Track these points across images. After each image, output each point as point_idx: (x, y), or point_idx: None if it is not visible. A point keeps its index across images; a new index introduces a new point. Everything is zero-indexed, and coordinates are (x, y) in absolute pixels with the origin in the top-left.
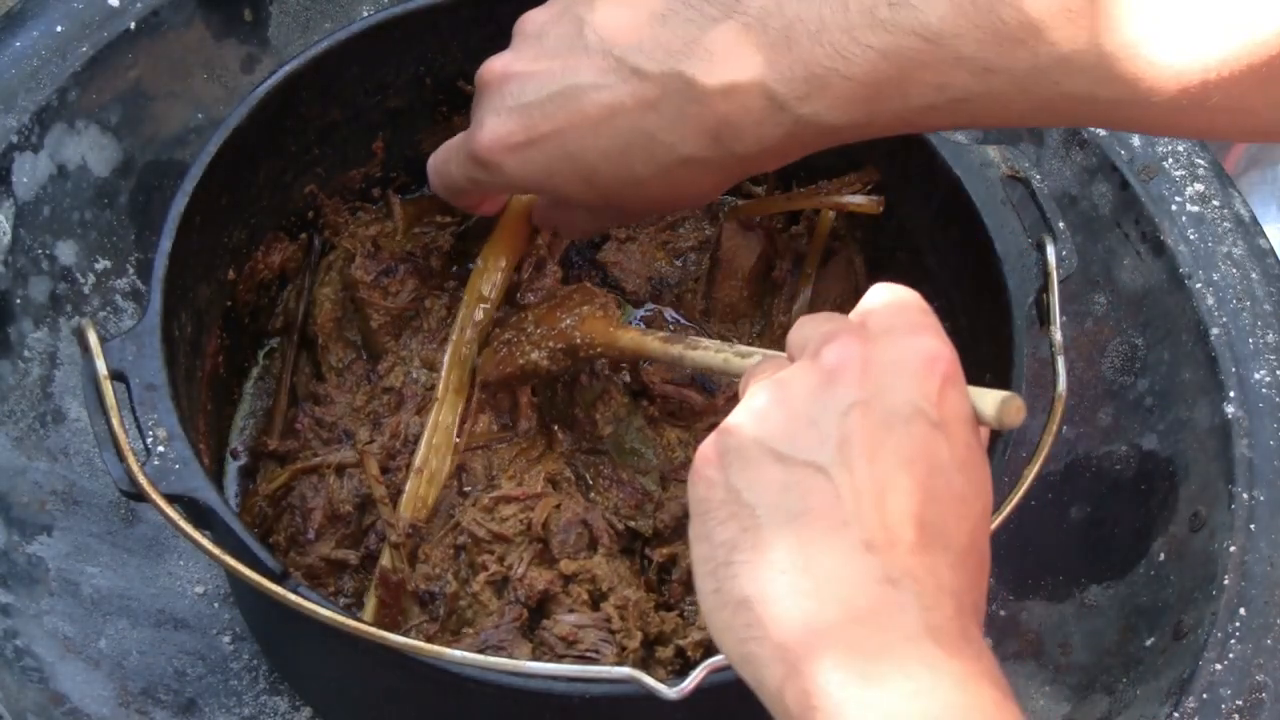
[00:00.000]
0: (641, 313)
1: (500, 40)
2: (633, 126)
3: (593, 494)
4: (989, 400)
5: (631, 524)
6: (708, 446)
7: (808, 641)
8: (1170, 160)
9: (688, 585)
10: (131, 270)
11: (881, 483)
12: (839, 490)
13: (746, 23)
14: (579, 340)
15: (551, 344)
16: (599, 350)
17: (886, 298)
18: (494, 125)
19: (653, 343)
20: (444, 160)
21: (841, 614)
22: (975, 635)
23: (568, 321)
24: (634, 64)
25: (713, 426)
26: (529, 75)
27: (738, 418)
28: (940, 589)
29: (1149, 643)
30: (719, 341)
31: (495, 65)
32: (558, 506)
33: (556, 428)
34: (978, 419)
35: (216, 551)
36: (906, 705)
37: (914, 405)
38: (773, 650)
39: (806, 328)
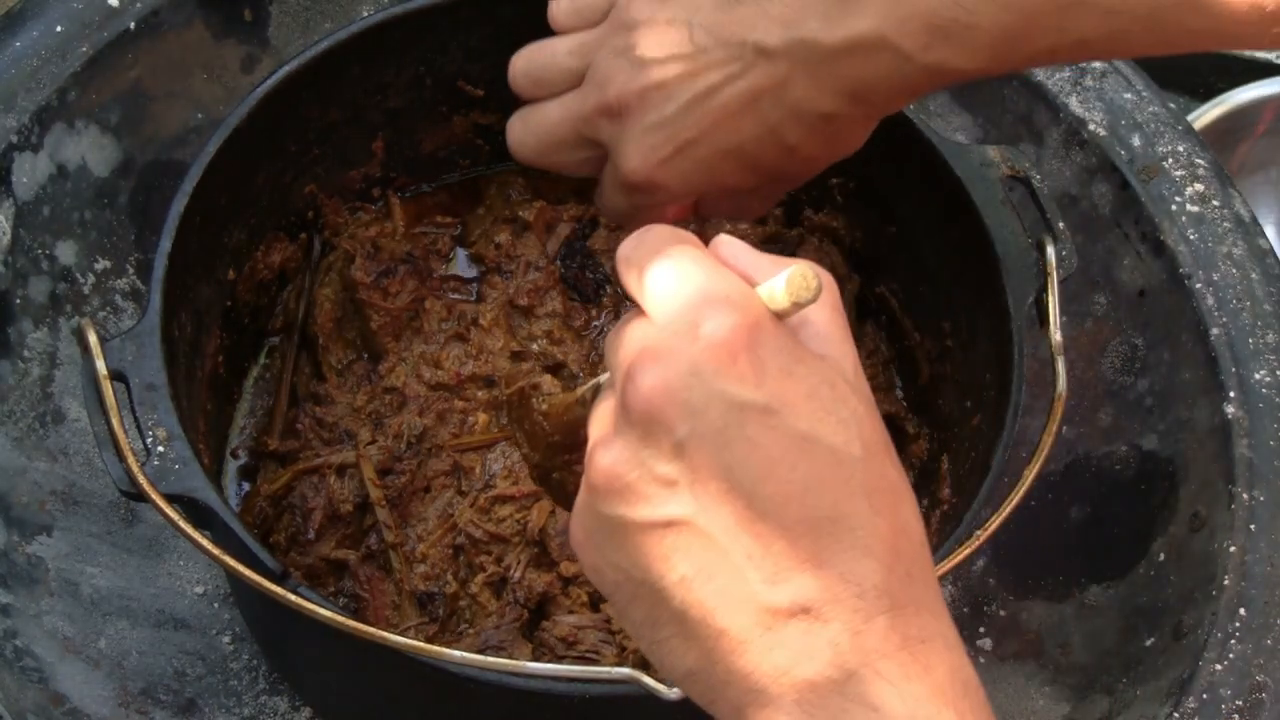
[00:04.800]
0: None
1: (500, 40)
2: (775, 103)
3: None
4: (779, 294)
5: None
6: (575, 528)
7: (755, 705)
8: (1170, 160)
9: None
10: (131, 270)
11: (750, 509)
12: (714, 537)
13: None
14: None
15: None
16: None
17: (650, 273)
18: (637, 149)
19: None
20: (605, 195)
21: (776, 671)
22: (918, 629)
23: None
24: (756, 45)
25: None
26: (657, 90)
27: (583, 497)
28: (862, 590)
29: (1149, 643)
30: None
31: (612, 92)
32: (553, 512)
33: None
34: (783, 317)
35: (216, 551)
36: None
37: (735, 404)
38: (729, 713)
39: (609, 353)
